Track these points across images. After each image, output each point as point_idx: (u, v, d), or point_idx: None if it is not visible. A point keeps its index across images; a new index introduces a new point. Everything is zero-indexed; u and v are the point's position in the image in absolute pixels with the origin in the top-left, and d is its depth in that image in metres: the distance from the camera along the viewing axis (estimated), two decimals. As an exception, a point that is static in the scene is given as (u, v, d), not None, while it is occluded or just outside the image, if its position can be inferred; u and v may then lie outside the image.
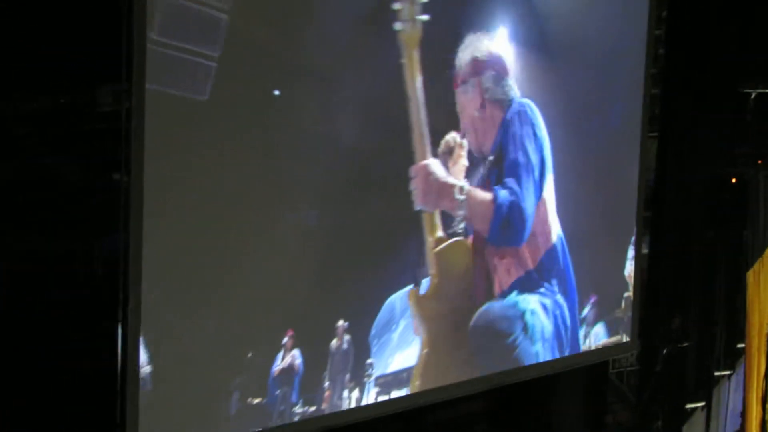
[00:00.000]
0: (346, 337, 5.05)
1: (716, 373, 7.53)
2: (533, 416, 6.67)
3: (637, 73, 6.26)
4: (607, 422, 7.17)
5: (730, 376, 7.69)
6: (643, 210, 6.46)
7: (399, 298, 5.25)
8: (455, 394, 5.62)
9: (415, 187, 5.22)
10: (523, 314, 5.76)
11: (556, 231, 5.88)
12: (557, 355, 5.94)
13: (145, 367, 4.41)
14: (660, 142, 6.81)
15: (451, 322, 5.48)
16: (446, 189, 5.33)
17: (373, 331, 5.16)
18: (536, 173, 5.73)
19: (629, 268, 6.38)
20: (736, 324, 7.59)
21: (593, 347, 6.21)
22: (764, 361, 7.17)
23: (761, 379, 7.28)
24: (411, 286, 5.27)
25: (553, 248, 5.88)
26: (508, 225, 5.61)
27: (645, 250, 6.69)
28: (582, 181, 6.02)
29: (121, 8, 4.20)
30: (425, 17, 5.09)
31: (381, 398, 5.23)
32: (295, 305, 4.87)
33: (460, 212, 5.40)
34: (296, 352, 4.89)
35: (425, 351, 5.37)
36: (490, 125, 5.53)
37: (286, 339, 4.84)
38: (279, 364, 4.83)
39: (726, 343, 7.58)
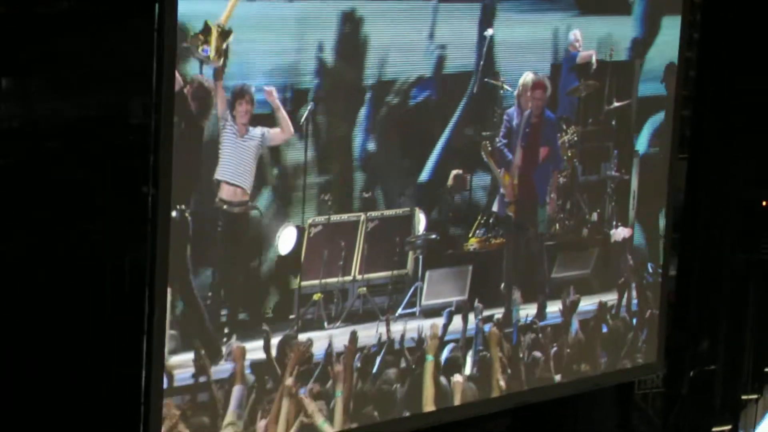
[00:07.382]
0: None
1: (743, 397, 7.47)
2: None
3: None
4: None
5: (757, 399, 7.62)
6: (672, 231, 6.44)
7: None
8: (476, 412, 5.64)
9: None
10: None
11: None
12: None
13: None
14: (690, 164, 6.78)
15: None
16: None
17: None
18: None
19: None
20: (764, 347, 7.53)
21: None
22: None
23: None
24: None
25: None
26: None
27: (673, 272, 6.66)
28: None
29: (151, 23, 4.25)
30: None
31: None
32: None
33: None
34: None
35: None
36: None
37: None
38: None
39: (754, 367, 7.52)
